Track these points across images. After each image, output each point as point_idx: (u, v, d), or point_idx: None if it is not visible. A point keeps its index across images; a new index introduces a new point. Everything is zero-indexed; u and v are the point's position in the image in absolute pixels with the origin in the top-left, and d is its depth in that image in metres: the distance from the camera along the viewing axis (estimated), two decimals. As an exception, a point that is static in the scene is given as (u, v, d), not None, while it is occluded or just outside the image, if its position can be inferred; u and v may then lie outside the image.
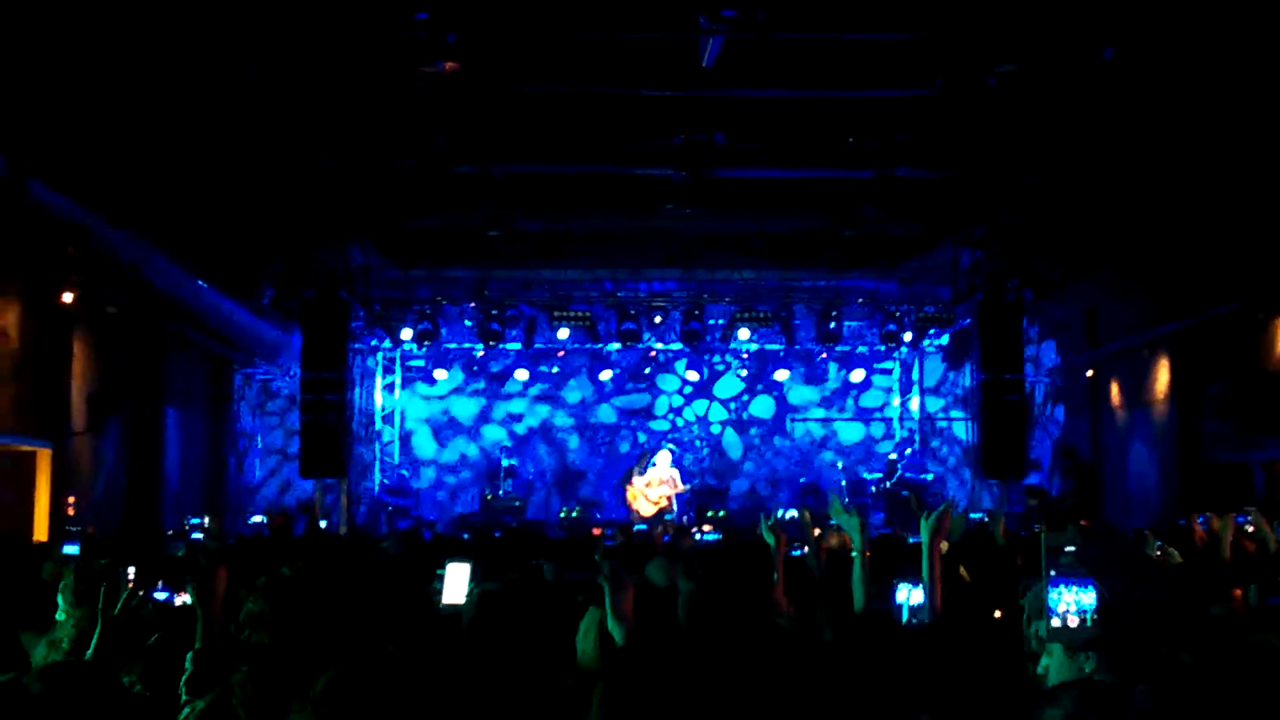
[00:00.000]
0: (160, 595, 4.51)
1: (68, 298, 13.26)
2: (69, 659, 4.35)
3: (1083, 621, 3.10)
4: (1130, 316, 17.00)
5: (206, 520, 10.81)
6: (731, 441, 22.12)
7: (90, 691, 3.03)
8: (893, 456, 20.60)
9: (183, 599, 4.50)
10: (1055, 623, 3.12)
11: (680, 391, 22.17)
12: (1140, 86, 11.01)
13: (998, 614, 5.24)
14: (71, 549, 7.04)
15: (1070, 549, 3.14)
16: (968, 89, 11.08)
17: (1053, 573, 3.13)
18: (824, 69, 11.22)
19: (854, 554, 5.02)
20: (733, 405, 22.16)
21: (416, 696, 1.77)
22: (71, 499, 13.62)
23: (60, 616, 4.73)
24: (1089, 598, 3.12)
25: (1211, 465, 15.40)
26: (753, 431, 22.09)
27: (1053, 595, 3.13)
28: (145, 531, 12.53)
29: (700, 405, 22.17)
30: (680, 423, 22.11)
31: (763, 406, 22.15)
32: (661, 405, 22.15)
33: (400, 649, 1.86)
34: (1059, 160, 13.48)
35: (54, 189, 11.32)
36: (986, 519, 10.24)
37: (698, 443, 22.01)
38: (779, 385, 21.91)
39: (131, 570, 4.23)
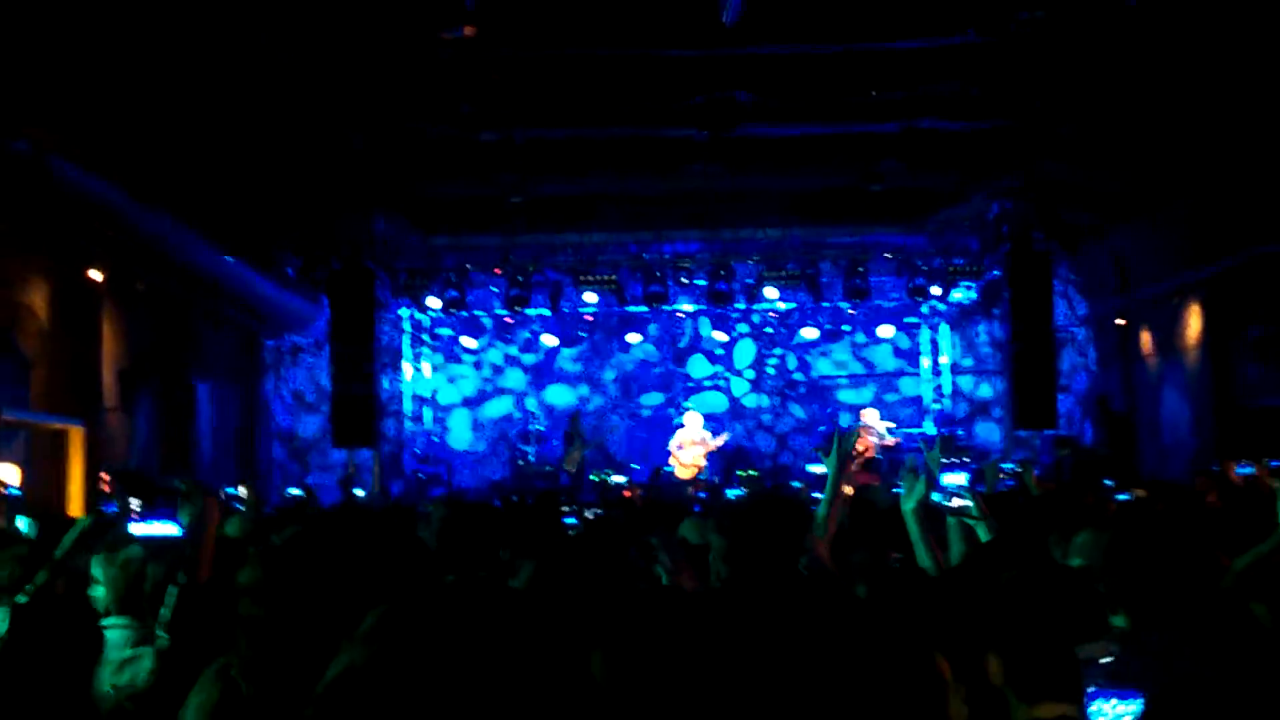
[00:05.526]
0: (146, 525, 4.51)
1: (96, 275, 13.30)
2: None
3: None
4: (1161, 262, 16.84)
5: (243, 490, 10.80)
6: (756, 400, 22.12)
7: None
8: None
9: (166, 529, 4.48)
10: None
11: (708, 352, 22.14)
12: (1168, 28, 10.86)
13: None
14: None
15: (1107, 659, 2.77)
16: (993, 38, 10.97)
17: (1091, 687, 2.75)
18: (846, 22, 11.13)
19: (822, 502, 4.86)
20: (757, 364, 22.15)
21: (474, 629, 1.76)
22: (106, 476, 13.69)
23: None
24: (1130, 709, 2.73)
25: (1249, 410, 15.26)
26: (774, 390, 22.09)
27: (1092, 710, 2.75)
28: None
29: (732, 361, 22.15)
30: (707, 382, 22.11)
31: (789, 365, 22.13)
32: (691, 366, 22.15)
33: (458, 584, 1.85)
34: (1087, 107, 13.35)
35: (78, 166, 11.33)
36: (1020, 469, 10.16)
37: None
38: (804, 343, 21.85)
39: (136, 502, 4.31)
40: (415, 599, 1.81)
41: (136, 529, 4.41)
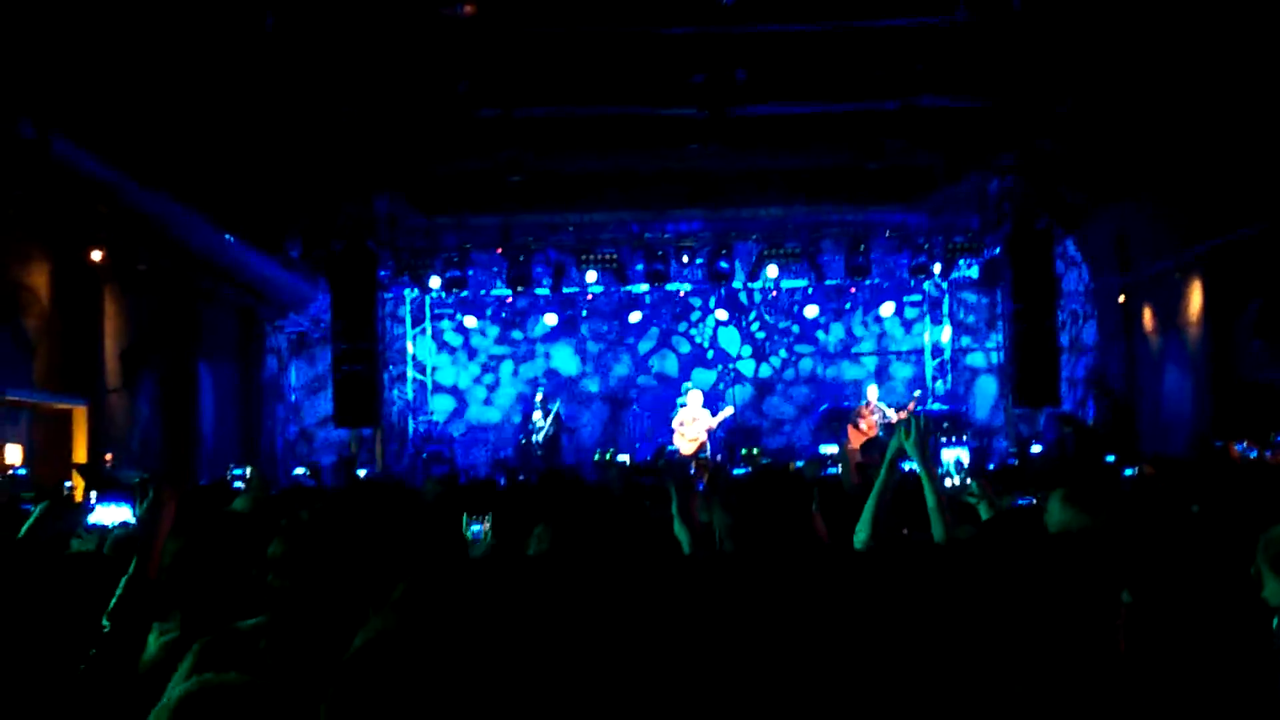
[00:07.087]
0: (102, 509, 4.54)
1: (97, 256, 13.33)
2: None
3: None
4: (1161, 239, 16.84)
5: (248, 471, 10.85)
6: (761, 378, 22.10)
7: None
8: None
9: (121, 518, 4.51)
10: None
11: (709, 327, 22.11)
12: (1166, 6, 10.86)
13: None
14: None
15: None
16: (992, 15, 10.95)
17: None
18: (845, 0, 11.13)
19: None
20: (761, 344, 22.14)
21: (502, 598, 1.82)
22: (109, 456, 13.75)
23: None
24: None
25: (1248, 385, 15.27)
26: (777, 367, 22.08)
27: None
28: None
29: (728, 344, 22.12)
30: (710, 357, 22.09)
31: (791, 342, 22.12)
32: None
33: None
34: (1085, 85, 13.34)
35: (80, 148, 11.34)
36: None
37: (724, 385, 21.96)
38: (807, 321, 21.82)
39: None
40: (442, 570, 1.86)
41: (93, 515, 4.45)
